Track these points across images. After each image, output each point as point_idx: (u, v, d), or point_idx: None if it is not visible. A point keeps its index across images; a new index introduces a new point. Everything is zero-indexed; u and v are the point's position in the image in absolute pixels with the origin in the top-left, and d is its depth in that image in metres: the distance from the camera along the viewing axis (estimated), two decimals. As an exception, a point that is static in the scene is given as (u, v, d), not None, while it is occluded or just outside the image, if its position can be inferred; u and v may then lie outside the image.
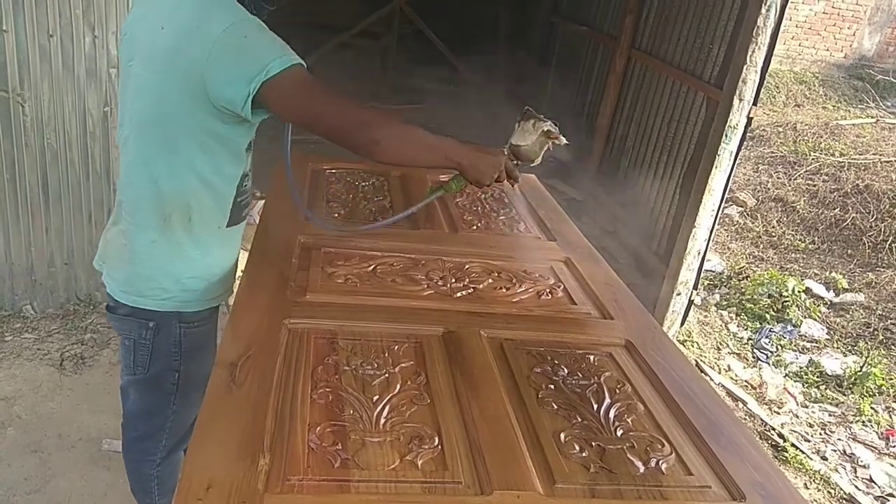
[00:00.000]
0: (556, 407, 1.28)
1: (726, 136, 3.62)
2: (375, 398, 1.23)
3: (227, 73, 1.34)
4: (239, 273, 1.73)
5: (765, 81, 3.60)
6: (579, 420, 1.25)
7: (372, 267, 1.69)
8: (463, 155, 1.53)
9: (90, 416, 2.67)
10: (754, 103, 3.59)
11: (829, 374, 3.94)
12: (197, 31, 1.34)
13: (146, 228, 1.52)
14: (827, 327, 4.40)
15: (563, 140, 1.65)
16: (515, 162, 1.67)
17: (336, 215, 1.98)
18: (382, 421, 1.17)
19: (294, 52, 1.37)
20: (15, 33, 2.78)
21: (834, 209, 5.69)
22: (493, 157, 1.58)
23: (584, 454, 1.17)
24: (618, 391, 1.36)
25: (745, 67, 3.52)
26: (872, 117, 7.64)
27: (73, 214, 3.13)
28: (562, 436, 1.20)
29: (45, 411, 2.68)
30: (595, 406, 1.30)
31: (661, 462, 1.18)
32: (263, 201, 2.04)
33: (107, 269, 1.65)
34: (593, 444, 1.20)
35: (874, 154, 6.25)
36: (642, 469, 1.16)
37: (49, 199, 3.07)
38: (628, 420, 1.28)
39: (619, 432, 1.24)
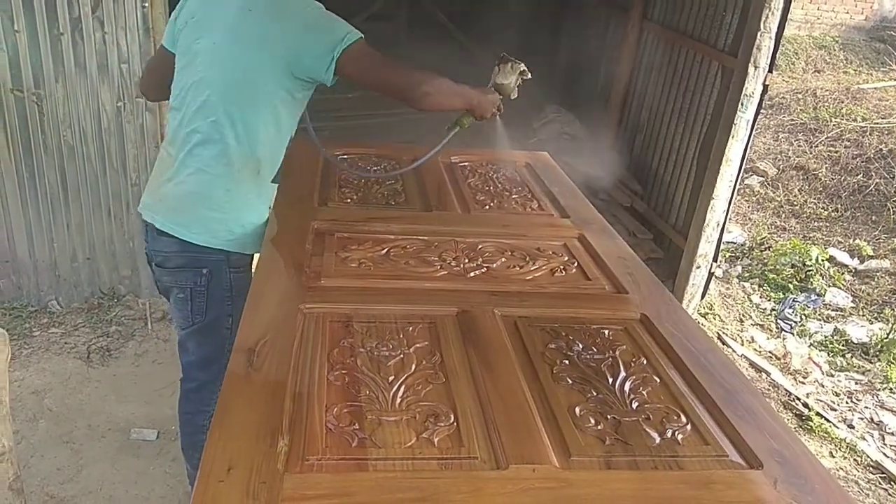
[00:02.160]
0: (570, 381, 1.28)
1: (742, 104, 3.57)
2: (391, 378, 1.24)
3: (316, 46, 1.67)
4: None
5: (781, 47, 3.54)
6: (594, 394, 1.25)
7: (385, 250, 1.70)
8: (474, 97, 1.93)
9: (118, 406, 2.73)
10: (770, 70, 3.53)
11: (855, 341, 3.89)
12: (282, 13, 1.70)
13: (222, 179, 1.77)
14: (852, 295, 4.34)
15: (529, 74, 2.03)
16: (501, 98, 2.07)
17: (348, 200, 1.99)
18: (398, 400, 1.19)
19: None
20: (27, 33, 2.82)
21: (857, 175, 5.58)
22: (492, 96, 1.99)
23: (599, 427, 1.17)
24: (633, 364, 1.36)
25: (759, 34, 3.46)
26: (895, 80, 7.45)
27: (92, 209, 3.18)
28: (577, 409, 1.20)
29: (74, 403, 2.75)
30: (610, 380, 1.30)
31: (677, 433, 1.18)
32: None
33: (167, 219, 1.81)
34: (608, 416, 1.20)
35: (897, 117, 6.11)
36: (658, 440, 1.16)
37: (68, 196, 3.12)
38: (644, 392, 1.28)
39: (635, 405, 1.24)
